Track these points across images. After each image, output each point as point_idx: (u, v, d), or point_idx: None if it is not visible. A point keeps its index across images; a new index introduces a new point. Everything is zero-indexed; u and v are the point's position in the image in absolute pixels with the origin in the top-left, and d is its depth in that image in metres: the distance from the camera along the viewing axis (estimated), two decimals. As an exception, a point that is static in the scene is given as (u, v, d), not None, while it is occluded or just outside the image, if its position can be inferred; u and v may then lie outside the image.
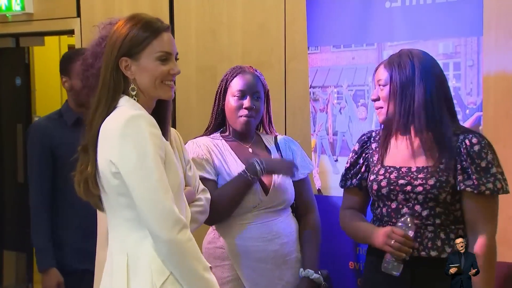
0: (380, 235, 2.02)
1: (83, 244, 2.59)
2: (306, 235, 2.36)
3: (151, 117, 1.72)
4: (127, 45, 1.75)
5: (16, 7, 4.22)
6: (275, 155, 2.40)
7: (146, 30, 1.76)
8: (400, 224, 1.99)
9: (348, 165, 2.24)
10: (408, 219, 1.98)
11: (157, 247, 1.68)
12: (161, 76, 1.78)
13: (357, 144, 2.25)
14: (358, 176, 2.20)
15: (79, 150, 1.80)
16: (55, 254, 2.69)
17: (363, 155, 2.21)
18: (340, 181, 2.26)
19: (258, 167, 2.21)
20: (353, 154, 2.24)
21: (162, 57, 1.78)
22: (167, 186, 1.68)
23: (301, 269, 2.30)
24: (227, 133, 2.40)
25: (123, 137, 1.66)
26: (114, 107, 1.75)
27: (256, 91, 2.34)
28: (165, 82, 1.80)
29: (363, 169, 2.19)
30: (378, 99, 2.10)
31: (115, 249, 1.77)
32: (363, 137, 2.25)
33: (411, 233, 1.97)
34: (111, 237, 1.81)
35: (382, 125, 2.15)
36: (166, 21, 3.43)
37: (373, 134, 2.22)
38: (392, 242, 1.96)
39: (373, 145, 2.18)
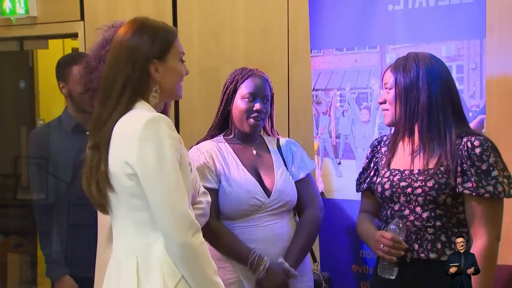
0: (372, 239, 2.06)
1: (85, 251, 2.58)
2: (297, 228, 2.34)
3: (169, 119, 1.73)
4: (157, 48, 1.77)
5: (20, 10, 4.23)
6: (277, 157, 2.41)
7: (169, 32, 1.81)
8: (392, 226, 2.01)
9: (361, 169, 2.27)
10: (399, 222, 2.00)
11: (170, 250, 1.67)
12: (182, 76, 1.84)
13: (369, 148, 2.28)
14: (368, 180, 2.22)
15: (88, 149, 1.79)
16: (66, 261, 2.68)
17: (374, 159, 2.23)
18: (356, 186, 2.29)
19: (261, 267, 2.20)
20: (365, 159, 2.27)
21: (182, 58, 1.84)
22: (183, 189, 1.69)
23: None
24: (231, 136, 2.40)
25: (143, 139, 1.67)
26: (130, 109, 1.76)
27: (265, 94, 2.35)
28: (181, 82, 1.85)
29: (372, 173, 2.22)
30: (384, 102, 2.12)
31: (123, 252, 1.76)
32: (374, 142, 2.28)
33: (402, 236, 1.99)
34: (116, 240, 1.80)
35: (393, 129, 2.17)
36: (169, 23, 3.44)
37: (384, 138, 2.25)
38: (381, 247, 1.99)
39: (383, 149, 2.21)
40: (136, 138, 1.67)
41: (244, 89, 2.33)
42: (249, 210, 2.27)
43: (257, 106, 2.31)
